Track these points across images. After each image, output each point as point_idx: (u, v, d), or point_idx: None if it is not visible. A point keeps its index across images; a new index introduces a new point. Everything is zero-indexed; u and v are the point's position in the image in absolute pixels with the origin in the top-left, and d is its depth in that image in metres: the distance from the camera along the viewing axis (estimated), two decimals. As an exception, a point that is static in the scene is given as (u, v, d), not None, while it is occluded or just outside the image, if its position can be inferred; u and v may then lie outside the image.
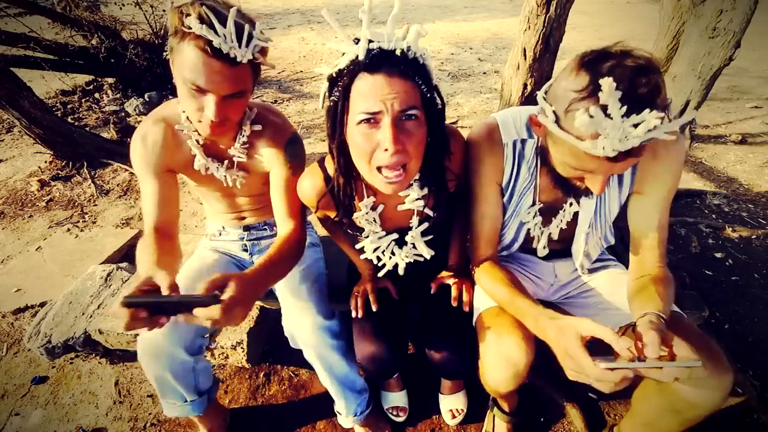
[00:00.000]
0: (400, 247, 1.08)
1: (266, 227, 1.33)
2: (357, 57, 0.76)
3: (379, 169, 0.82)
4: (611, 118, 0.66)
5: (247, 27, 0.87)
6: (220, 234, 1.34)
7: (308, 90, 4.31)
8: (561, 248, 1.10)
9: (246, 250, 1.34)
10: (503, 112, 1.01)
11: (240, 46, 0.86)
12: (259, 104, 1.09)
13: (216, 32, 0.83)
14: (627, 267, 1.16)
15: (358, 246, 1.09)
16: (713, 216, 2.33)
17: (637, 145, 0.68)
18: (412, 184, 0.99)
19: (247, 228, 1.31)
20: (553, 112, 0.76)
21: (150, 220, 1.03)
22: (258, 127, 1.06)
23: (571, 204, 1.00)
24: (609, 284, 1.11)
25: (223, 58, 0.85)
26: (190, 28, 0.83)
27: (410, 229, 1.05)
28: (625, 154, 0.70)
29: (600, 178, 0.78)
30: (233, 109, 0.93)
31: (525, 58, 1.74)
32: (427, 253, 1.06)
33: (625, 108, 0.65)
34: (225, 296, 0.73)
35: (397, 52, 0.77)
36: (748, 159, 2.96)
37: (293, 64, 5.05)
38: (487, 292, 1.02)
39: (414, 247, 1.08)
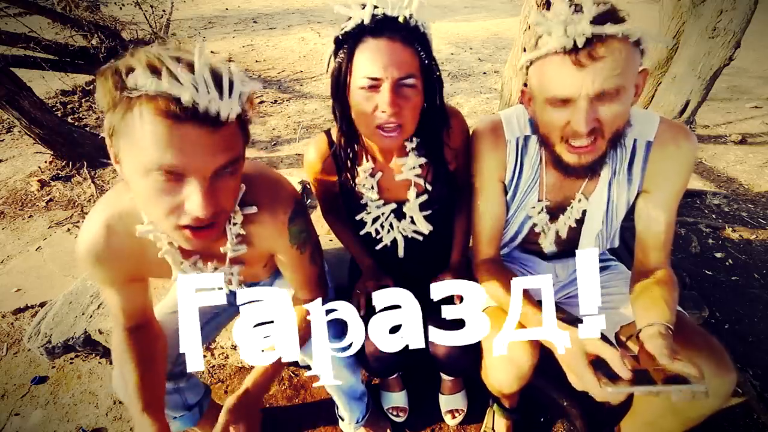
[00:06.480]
0: (399, 221, 1.10)
1: (264, 281, 1.17)
2: (362, 21, 0.82)
3: (377, 127, 0.88)
4: (558, 11, 0.72)
5: (225, 68, 0.62)
6: None
7: (308, 90, 4.31)
8: (564, 249, 1.10)
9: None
10: (507, 109, 1.01)
11: (221, 96, 0.60)
12: (247, 172, 0.79)
13: (181, 82, 0.57)
14: (628, 267, 1.17)
15: (357, 217, 1.11)
16: (713, 216, 2.34)
17: (588, 35, 0.70)
18: (408, 153, 1.02)
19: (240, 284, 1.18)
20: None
21: (120, 322, 0.89)
22: (252, 210, 0.80)
23: (579, 201, 0.99)
24: (610, 284, 1.11)
25: (202, 119, 0.59)
26: (137, 88, 0.56)
27: (409, 201, 1.08)
28: (588, 54, 0.71)
29: (581, 109, 0.75)
30: (226, 192, 0.67)
31: (525, 58, 1.74)
32: (425, 228, 1.08)
33: (573, 5, 0.71)
34: None
35: (400, 19, 0.82)
36: (748, 159, 2.96)
37: (293, 64, 5.05)
38: (490, 295, 1.02)
39: (412, 221, 1.09)
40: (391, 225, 1.11)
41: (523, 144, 0.97)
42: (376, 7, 0.82)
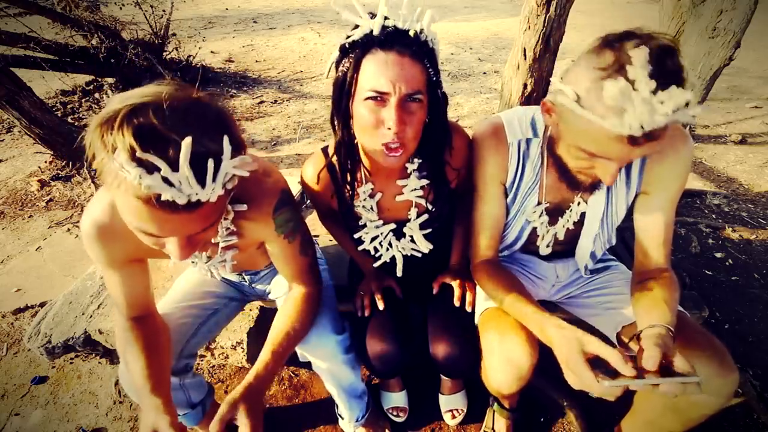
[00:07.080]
0: (398, 240, 1.09)
1: (265, 269, 1.21)
2: (371, 31, 0.79)
3: (382, 144, 0.85)
4: (638, 92, 0.65)
5: (212, 154, 0.60)
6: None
7: (308, 90, 4.31)
8: (563, 249, 1.10)
9: (244, 281, 1.23)
10: (508, 111, 1.00)
11: (205, 186, 0.60)
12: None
13: (165, 180, 0.57)
14: (628, 267, 1.17)
15: (356, 235, 1.09)
16: (713, 216, 2.34)
17: (662, 126, 0.66)
18: (410, 174, 0.99)
19: (241, 273, 1.20)
20: (574, 92, 0.72)
21: (124, 311, 0.91)
22: (242, 207, 0.84)
23: (578, 204, 0.99)
24: (610, 284, 1.11)
25: (181, 207, 0.60)
26: (122, 167, 0.56)
27: (409, 221, 1.06)
28: (647, 136, 0.67)
29: (613, 167, 0.75)
30: (207, 235, 0.72)
31: (525, 58, 1.73)
32: (425, 247, 1.06)
33: (653, 83, 0.64)
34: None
35: (411, 33, 0.79)
36: (748, 159, 2.96)
37: (293, 64, 5.05)
38: (490, 296, 1.02)
39: (412, 240, 1.08)
40: (390, 244, 1.09)
41: (525, 147, 0.96)
42: (386, 18, 0.79)
